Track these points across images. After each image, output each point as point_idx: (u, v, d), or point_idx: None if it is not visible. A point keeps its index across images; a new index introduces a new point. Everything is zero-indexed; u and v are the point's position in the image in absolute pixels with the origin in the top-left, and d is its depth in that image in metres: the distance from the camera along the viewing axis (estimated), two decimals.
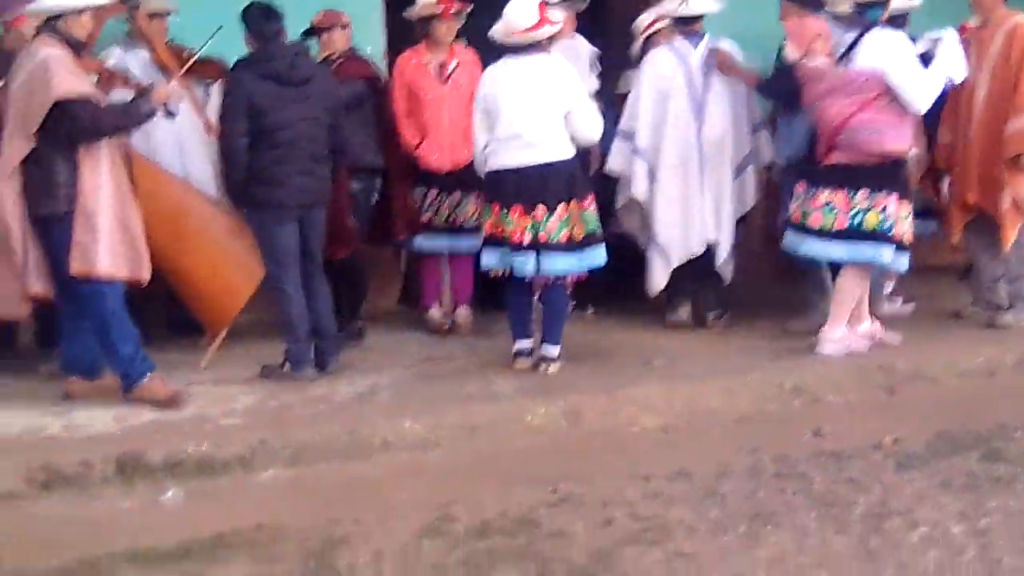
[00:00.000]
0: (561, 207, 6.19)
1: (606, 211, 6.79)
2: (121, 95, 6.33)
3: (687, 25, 7.03)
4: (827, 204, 6.37)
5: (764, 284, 7.99)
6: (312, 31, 6.97)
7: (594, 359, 6.51)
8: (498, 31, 6.24)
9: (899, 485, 4.90)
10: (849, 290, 6.53)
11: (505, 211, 6.18)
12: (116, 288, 5.77)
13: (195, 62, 6.46)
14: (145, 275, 5.85)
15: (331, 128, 6.26)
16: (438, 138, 7.03)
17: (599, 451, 5.50)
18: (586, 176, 6.58)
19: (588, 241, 6.28)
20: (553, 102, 6.21)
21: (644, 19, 7.26)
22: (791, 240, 6.58)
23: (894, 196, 6.33)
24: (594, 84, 7.25)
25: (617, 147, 7.08)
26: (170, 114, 6.24)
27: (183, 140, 6.83)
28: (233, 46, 6.35)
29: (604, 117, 6.73)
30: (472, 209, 7.04)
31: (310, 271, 6.29)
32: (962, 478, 4.95)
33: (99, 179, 5.66)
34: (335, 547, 4.41)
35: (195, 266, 6.38)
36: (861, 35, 6.37)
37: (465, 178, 6.92)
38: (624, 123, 7.11)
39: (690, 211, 7.00)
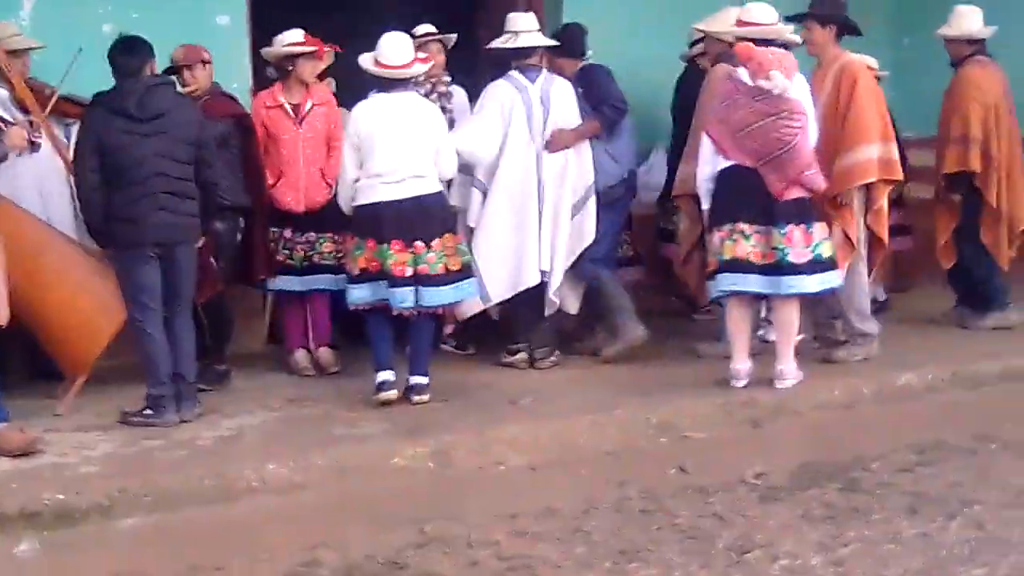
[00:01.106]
0: (437, 240, 6.25)
1: None
2: None
3: (522, 59, 7.07)
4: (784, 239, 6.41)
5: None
6: (173, 68, 6.85)
7: (462, 398, 6.49)
8: (370, 65, 6.29)
9: (762, 518, 4.99)
10: (793, 320, 6.60)
11: (384, 245, 6.18)
12: None
13: (57, 100, 6.35)
14: (3, 317, 5.70)
15: (198, 163, 6.11)
16: (294, 179, 7.00)
17: (467, 491, 5.49)
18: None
19: (463, 272, 6.36)
20: (426, 138, 6.32)
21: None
22: (746, 281, 6.49)
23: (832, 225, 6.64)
24: None
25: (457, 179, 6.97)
26: (33, 145, 6.17)
27: (43, 180, 6.67)
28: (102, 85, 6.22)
29: None
30: (329, 248, 7.01)
31: (175, 312, 6.16)
32: (822, 509, 5.06)
33: None
34: None
35: (54, 309, 6.23)
36: None
37: (320, 218, 6.91)
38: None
39: (523, 243, 6.95)
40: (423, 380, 6.40)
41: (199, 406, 6.22)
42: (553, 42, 7.27)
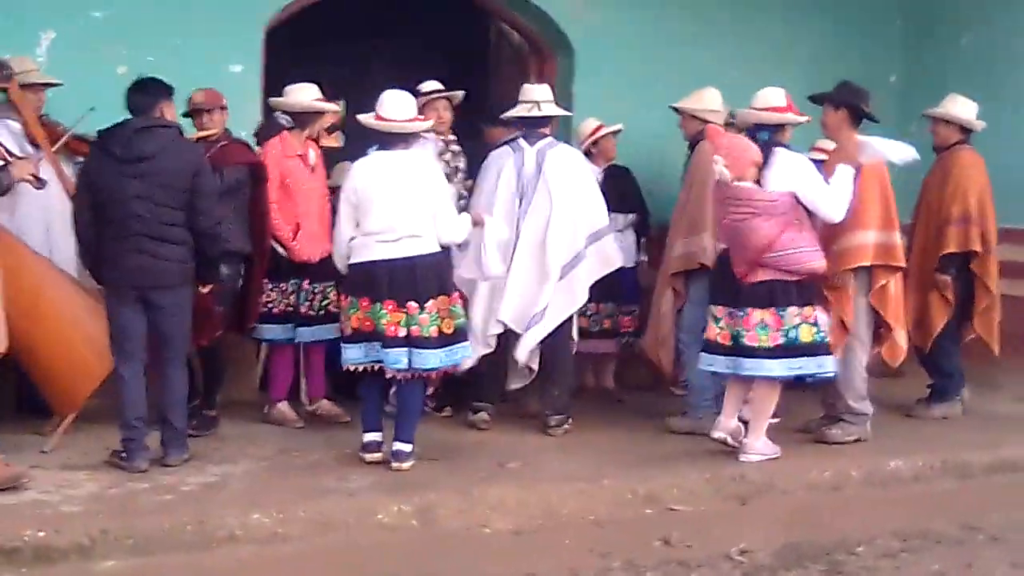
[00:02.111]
0: (432, 302, 6.21)
1: None
2: None
3: (534, 127, 7.17)
4: (760, 323, 6.52)
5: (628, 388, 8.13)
6: (192, 111, 6.90)
7: (449, 459, 6.47)
8: (370, 120, 6.32)
9: None
10: (769, 400, 6.68)
11: (377, 305, 6.16)
12: None
13: (69, 138, 6.41)
14: (2, 344, 5.73)
15: (191, 210, 6.03)
16: (311, 230, 7.04)
17: (450, 552, 5.45)
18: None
19: (456, 336, 6.31)
20: (424, 197, 6.28)
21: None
22: (716, 361, 6.69)
23: (820, 308, 6.60)
24: None
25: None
26: (41, 181, 6.22)
27: (50, 216, 6.72)
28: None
29: None
30: (335, 298, 6.98)
31: (166, 357, 6.13)
32: None
33: None
34: None
35: (47, 345, 6.26)
36: (767, 159, 6.60)
37: (328, 269, 6.88)
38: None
39: (494, 295, 7.01)
40: (407, 448, 6.29)
41: (187, 452, 6.20)
42: (568, 113, 7.39)
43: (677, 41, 9.04)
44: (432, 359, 6.22)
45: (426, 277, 6.22)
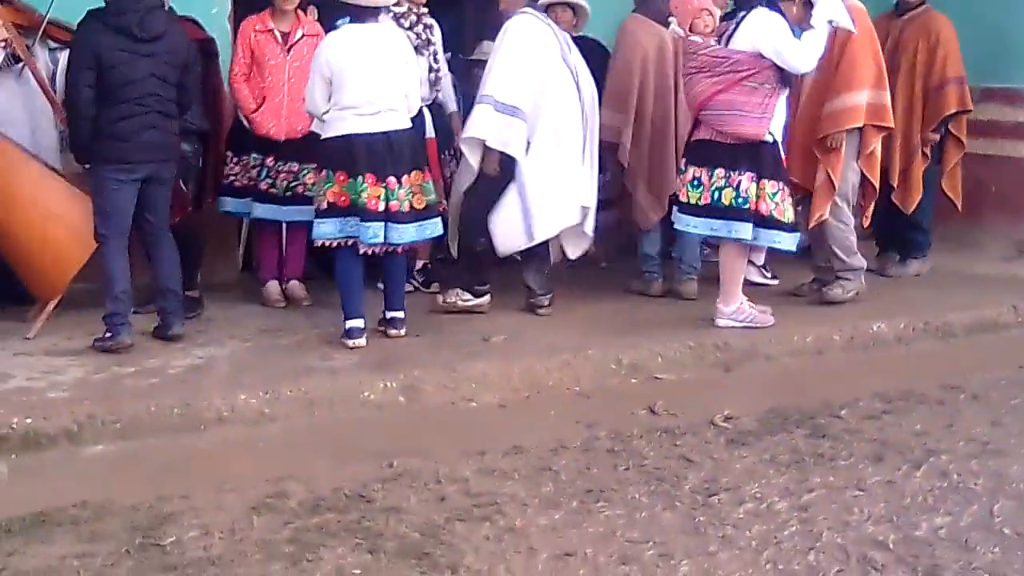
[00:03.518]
0: (407, 177, 6.20)
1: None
2: None
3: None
4: (693, 179, 6.55)
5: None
6: None
7: (433, 335, 6.48)
8: None
9: (729, 461, 5.02)
10: (730, 264, 6.70)
11: (358, 179, 6.11)
12: None
13: (46, 25, 6.32)
14: None
15: (180, 86, 6.18)
16: (275, 106, 6.93)
17: (436, 427, 5.50)
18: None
19: (428, 211, 6.31)
20: (399, 70, 6.24)
21: None
22: (674, 215, 6.79)
23: (748, 175, 6.46)
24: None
25: (486, 114, 6.64)
26: (16, 60, 6.24)
27: (31, 98, 6.62)
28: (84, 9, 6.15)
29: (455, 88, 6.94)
30: (312, 179, 6.85)
31: (155, 231, 6.21)
32: (789, 454, 5.09)
33: None
34: (163, 523, 4.35)
35: (26, 232, 6.24)
36: (743, 17, 6.51)
37: (304, 148, 6.82)
38: (492, 89, 6.67)
39: (569, 179, 6.79)
40: (400, 315, 6.42)
41: (184, 320, 6.33)
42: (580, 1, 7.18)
43: None
44: (407, 234, 6.24)
45: (402, 151, 6.21)
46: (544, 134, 6.71)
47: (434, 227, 6.40)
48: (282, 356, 6.12)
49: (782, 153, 6.68)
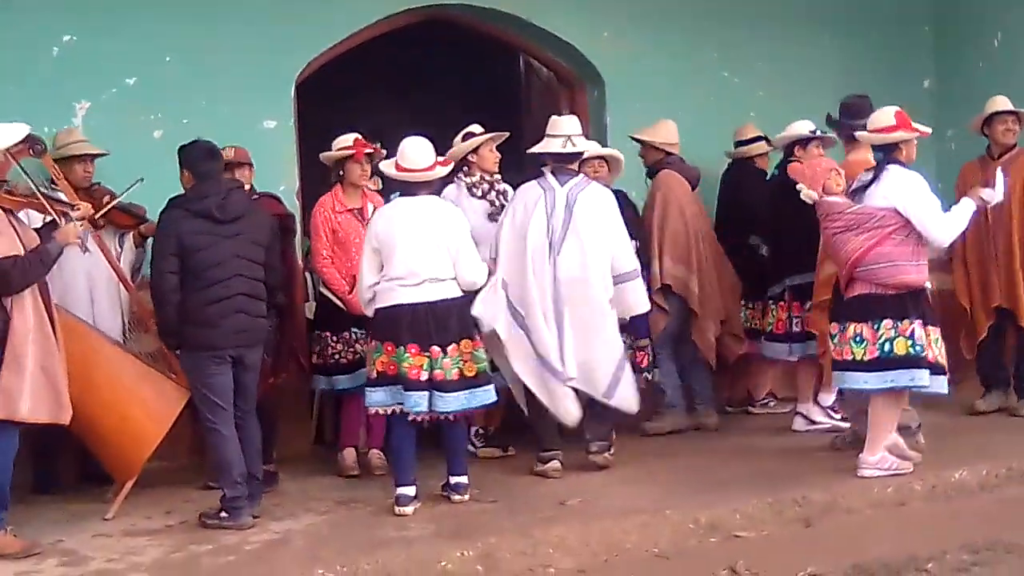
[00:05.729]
0: (454, 346, 6.26)
1: None
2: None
3: (566, 163, 6.96)
4: (855, 336, 6.57)
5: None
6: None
7: (508, 500, 6.44)
8: (391, 170, 6.38)
9: None
10: (885, 414, 6.68)
11: (401, 348, 6.19)
12: (12, 439, 5.66)
13: (110, 209, 6.50)
14: (65, 417, 5.77)
15: (266, 266, 6.23)
16: None
17: None
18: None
19: (478, 379, 6.33)
20: (446, 242, 6.34)
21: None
22: (837, 377, 6.84)
23: (918, 322, 6.52)
24: None
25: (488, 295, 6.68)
26: (85, 246, 6.37)
27: (94, 285, 6.85)
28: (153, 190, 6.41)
29: None
30: (364, 348, 6.91)
31: (245, 412, 6.23)
32: None
33: (27, 323, 5.61)
34: None
35: (103, 413, 6.27)
36: (878, 174, 6.60)
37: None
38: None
39: (543, 345, 6.70)
40: (463, 479, 6.43)
41: (270, 488, 6.41)
42: (612, 151, 7.48)
43: (707, 67, 9.05)
44: (453, 402, 6.25)
45: (449, 321, 6.28)
46: (515, 304, 6.74)
47: (485, 395, 6.39)
48: (358, 528, 6.09)
49: None
